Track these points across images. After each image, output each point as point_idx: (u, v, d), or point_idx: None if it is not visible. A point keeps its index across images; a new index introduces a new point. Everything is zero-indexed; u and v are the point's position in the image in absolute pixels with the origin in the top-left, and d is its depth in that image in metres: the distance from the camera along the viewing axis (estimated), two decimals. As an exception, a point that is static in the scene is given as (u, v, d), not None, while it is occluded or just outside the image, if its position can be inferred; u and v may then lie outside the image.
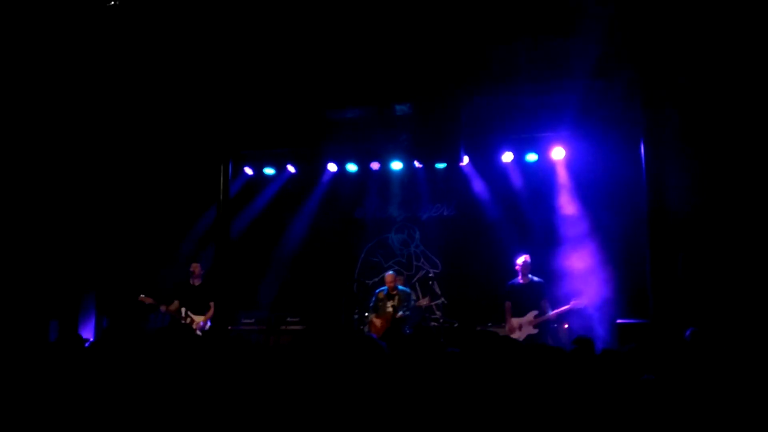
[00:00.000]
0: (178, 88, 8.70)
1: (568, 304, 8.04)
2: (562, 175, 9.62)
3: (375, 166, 10.25)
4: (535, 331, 8.00)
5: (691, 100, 7.68)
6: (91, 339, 8.08)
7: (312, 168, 10.53)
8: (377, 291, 9.05)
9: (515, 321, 8.17)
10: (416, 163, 10.05)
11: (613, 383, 3.58)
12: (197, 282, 8.68)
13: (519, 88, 8.23)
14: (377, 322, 8.65)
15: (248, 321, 9.53)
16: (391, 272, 9.07)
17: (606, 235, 9.05)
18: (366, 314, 9.00)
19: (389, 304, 8.75)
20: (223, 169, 9.64)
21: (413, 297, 9.09)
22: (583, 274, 9.02)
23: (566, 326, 8.45)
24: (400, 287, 9.01)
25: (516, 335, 7.95)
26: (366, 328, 8.77)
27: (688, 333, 6.49)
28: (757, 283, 7.41)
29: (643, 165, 7.81)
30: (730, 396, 3.32)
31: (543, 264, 9.05)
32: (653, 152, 7.73)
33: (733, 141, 7.68)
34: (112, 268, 9.62)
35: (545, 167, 9.69)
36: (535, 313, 8.06)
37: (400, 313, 8.58)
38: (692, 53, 7.25)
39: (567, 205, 9.74)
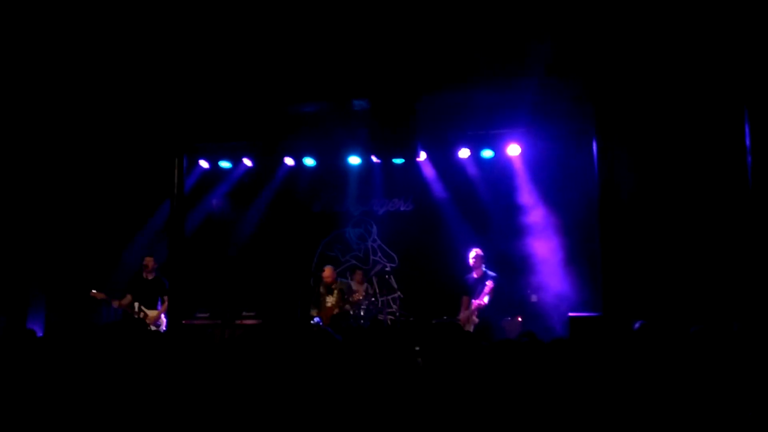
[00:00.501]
0: (132, 79, 8.52)
1: (485, 283, 8.20)
2: (518, 171, 9.78)
3: (332, 160, 10.25)
4: (477, 320, 8.13)
5: (639, 98, 7.89)
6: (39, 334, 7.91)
7: (269, 162, 10.47)
8: (318, 286, 8.97)
9: (464, 313, 8.31)
10: (374, 158, 10.09)
11: (559, 373, 3.67)
12: (150, 276, 8.56)
13: (475, 86, 8.31)
14: (316, 319, 8.55)
15: (203, 315, 9.43)
16: (328, 266, 8.95)
17: (561, 228, 9.26)
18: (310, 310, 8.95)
19: (328, 299, 8.65)
20: (177, 162, 9.51)
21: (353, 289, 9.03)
22: (539, 267, 9.22)
23: (519, 319, 8.60)
24: (340, 279, 8.92)
25: (467, 327, 8.07)
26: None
27: (637, 325, 6.67)
28: (703, 271, 7.66)
29: (595, 160, 7.99)
30: (676, 386, 3.44)
31: (500, 258, 9.20)
32: (604, 147, 7.91)
33: (675, 136, 7.94)
34: (62, 263, 9.41)
35: (501, 163, 9.83)
36: (473, 302, 8.22)
37: (337, 310, 8.46)
38: (636, 58, 7.45)
39: (522, 200, 9.92)
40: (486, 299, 8.07)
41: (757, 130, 6.87)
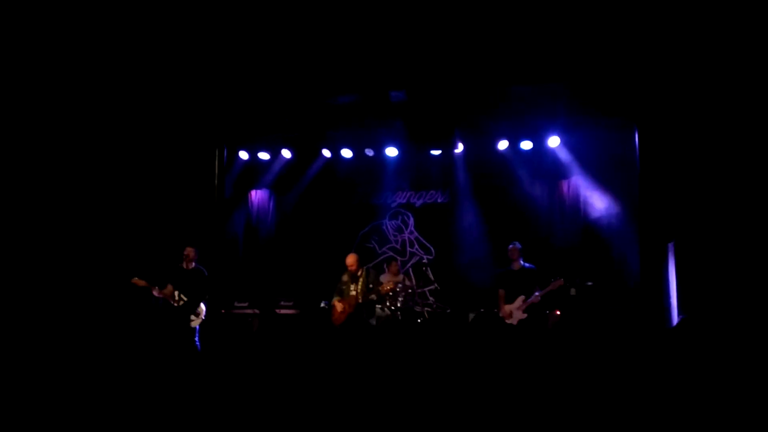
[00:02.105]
0: (174, 72, 8.64)
1: (549, 285, 8.07)
2: (558, 163, 9.67)
3: (370, 152, 10.27)
4: (525, 315, 8.03)
5: (681, 91, 7.70)
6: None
7: (307, 154, 10.54)
8: (343, 274, 8.92)
9: (507, 307, 8.21)
10: (411, 150, 10.07)
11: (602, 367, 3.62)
12: (191, 266, 8.68)
13: (514, 80, 8.22)
14: (338, 306, 8.31)
15: (242, 305, 9.55)
16: (352, 254, 8.87)
17: (600, 222, 9.14)
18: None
19: (352, 287, 8.53)
20: (218, 153, 9.64)
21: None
22: (577, 261, 9.10)
23: (558, 313, 8.49)
24: (366, 267, 8.83)
25: (509, 321, 7.99)
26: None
27: (677, 320, 6.55)
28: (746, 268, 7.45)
29: (637, 153, 7.84)
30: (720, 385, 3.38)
31: (537, 251, 9.11)
32: (647, 139, 7.76)
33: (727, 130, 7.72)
34: (104, 251, 9.60)
35: (540, 155, 9.73)
36: (522, 297, 8.09)
37: (361, 299, 8.34)
38: (675, 49, 7.28)
39: (562, 192, 9.83)
40: (538, 294, 7.99)
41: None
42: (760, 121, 7.33)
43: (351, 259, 8.59)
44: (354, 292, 8.41)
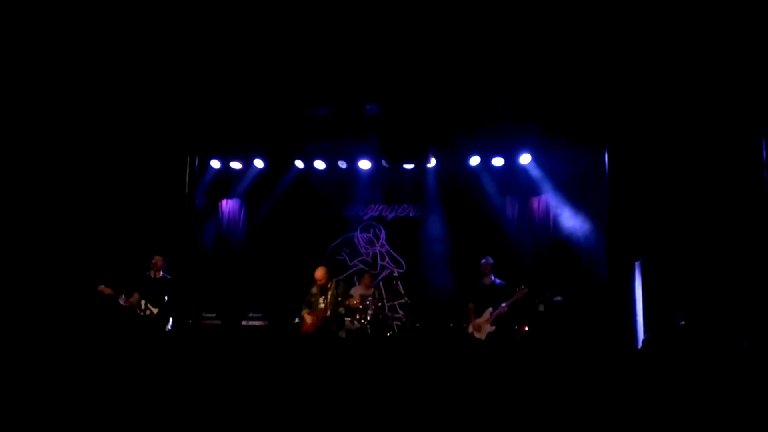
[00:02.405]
0: (147, 80, 8.56)
1: (515, 294, 8.15)
2: (529, 180, 9.79)
3: (343, 164, 10.27)
4: (493, 328, 8.08)
5: (650, 111, 7.87)
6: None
7: (280, 164, 10.49)
8: (312, 287, 8.90)
9: (476, 321, 8.25)
10: (384, 163, 10.10)
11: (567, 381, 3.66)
12: (158, 275, 8.57)
13: (489, 98, 8.33)
14: (308, 318, 8.40)
15: (209, 315, 9.44)
16: (321, 267, 8.87)
17: (571, 238, 9.25)
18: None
19: (321, 300, 8.53)
20: (189, 161, 9.55)
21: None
22: (545, 277, 9.18)
23: (526, 328, 8.55)
24: (335, 280, 8.81)
25: (478, 335, 8.03)
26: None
27: (642, 339, 6.64)
28: (714, 285, 7.61)
29: (606, 171, 7.98)
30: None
31: (507, 266, 9.19)
32: (617, 159, 7.90)
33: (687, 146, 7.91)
34: (71, 259, 9.43)
35: (511, 172, 9.85)
36: (489, 310, 8.15)
37: (329, 312, 8.33)
38: (645, 69, 7.45)
39: (532, 209, 9.95)
40: (504, 305, 8.04)
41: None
42: (725, 145, 7.52)
43: (320, 273, 8.56)
44: (322, 305, 8.37)
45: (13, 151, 8.73)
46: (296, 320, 8.56)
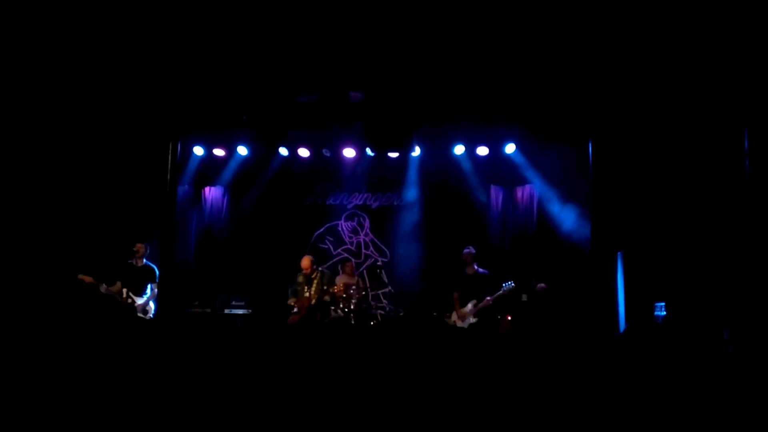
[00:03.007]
0: (128, 65, 8.43)
1: (500, 290, 8.21)
2: (513, 169, 9.81)
3: (327, 152, 10.22)
4: (475, 320, 8.13)
5: (635, 102, 7.90)
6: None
7: (264, 152, 10.42)
8: (297, 275, 8.94)
9: (461, 311, 8.30)
10: (368, 151, 10.07)
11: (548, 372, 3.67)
12: (140, 263, 8.51)
13: (472, 87, 8.30)
14: (294, 307, 8.50)
15: (192, 304, 9.39)
16: (306, 256, 8.88)
17: (555, 229, 9.30)
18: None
19: (306, 289, 8.58)
20: (171, 147, 9.44)
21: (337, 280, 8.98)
22: (530, 266, 9.23)
23: (509, 318, 8.61)
24: (321, 269, 8.85)
25: (460, 324, 8.08)
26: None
27: (623, 328, 6.70)
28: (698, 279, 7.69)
29: (590, 161, 8.01)
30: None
31: (491, 255, 9.23)
32: (600, 152, 7.93)
33: (671, 138, 7.96)
34: (49, 248, 9.32)
35: (496, 161, 9.86)
36: (474, 301, 8.20)
37: (315, 300, 8.37)
38: (631, 62, 7.47)
39: (517, 198, 9.98)
40: (489, 299, 8.08)
41: (756, 134, 6.90)
42: (708, 136, 7.58)
43: (306, 262, 8.57)
44: (307, 294, 8.38)
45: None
46: (295, 310, 8.58)
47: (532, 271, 9.10)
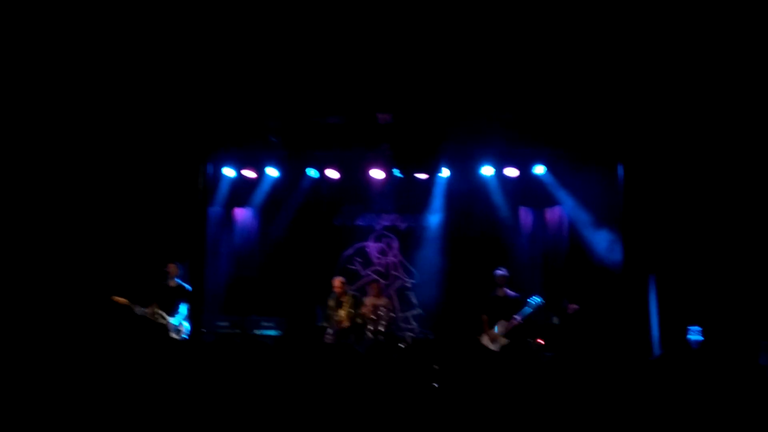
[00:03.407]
0: (159, 86, 8.58)
1: (527, 307, 8.14)
2: (543, 191, 9.76)
3: (355, 173, 10.26)
4: (507, 341, 8.06)
5: (665, 124, 7.82)
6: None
7: (293, 173, 10.51)
8: (329, 299, 8.95)
9: (491, 333, 8.23)
10: (397, 173, 10.09)
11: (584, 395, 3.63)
12: (173, 283, 8.60)
13: (502, 106, 8.31)
14: (330, 331, 8.55)
15: (223, 324, 9.46)
16: (338, 277, 8.90)
17: (585, 251, 9.21)
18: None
19: (339, 312, 8.61)
20: (202, 169, 9.58)
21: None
22: (561, 289, 9.14)
23: (540, 341, 8.52)
24: (350, 292, 8.87)
25: (492, 347, 8.00)
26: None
27: (658, 353, 6.60)
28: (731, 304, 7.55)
29: (621, 186, 7.94)
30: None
31: (521, 278, 9.16)
32: (631, 174, 7.87)
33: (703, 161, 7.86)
34: (84, 269, 9.46)
35: (525, 182, 9.82)
36: (504, 323, 8.14)
37: (347, 323, 8.42)
38: (661, 83, 7.40)
39: (547, 220, 9.91)
40: (518, 318, 8.02)
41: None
42: (740, 159, 7.48)
43: (337, 282, 8.62)
44: (339, 318, 8.42)
45: (29, 162, 8.77)
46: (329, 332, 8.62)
47: (563, 294, 9.01)
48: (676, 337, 7.30)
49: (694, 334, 7.07)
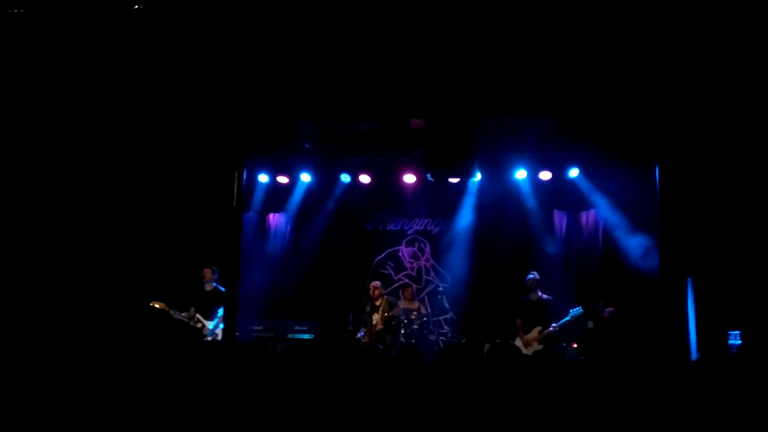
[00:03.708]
0: (193, 94, 8.72)
1: (568, 317, 8.05)
2: (577, 194, 9.66)
3: (387, 178, 10.29)
4: (540, 347, 8.00)
5: (704, 126, 7.67)
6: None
7: (326, 179, 10.60)
8: (364, 303, 9.04)
9: (525, 338, 8.18)
10: (429, 177, 10.09)
11: (619, 402, 3.58)
12: (209, 287, 8.73)
13: (535, 110, 8.25)
14: (366, 336, 8.65)
15: (257, 328, 9.55)
16: (376, 281, 8.99)
17: (621, 255, 9.08)
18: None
19: (374, 317, 8.69)
20: (237, 175, 9.70)
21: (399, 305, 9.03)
22: (596, 294, 9.02)
23: (575, 345, 8.43)
24: (385, 297, 8.95)
25: (525, 351, 7.95)
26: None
27: (696, 356, 6.47)
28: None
29: (657, 188, 7.81)
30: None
31: (555, 282, 9.07)
32: (668, 175, 7.73)
33: (740, 167, 7.68)
34: (123, 274, 9.64)
35: (559, 186, 9.73)
36: (539, 328, 8.07)
37: (381, 326, 8.49)
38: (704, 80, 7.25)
39: (581, 224, 9.80)
40: (555, 326, 7.97)
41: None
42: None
43: (372, 287, 8.70)
44: (375, 321, 8.50)
45: (69, 168, 8.98)
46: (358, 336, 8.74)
47: (598, 297, 8.89)
48: (715, 341, 7.16)
49: (734, 338, 6.92)
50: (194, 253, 9.66)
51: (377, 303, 8.68)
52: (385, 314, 8.49)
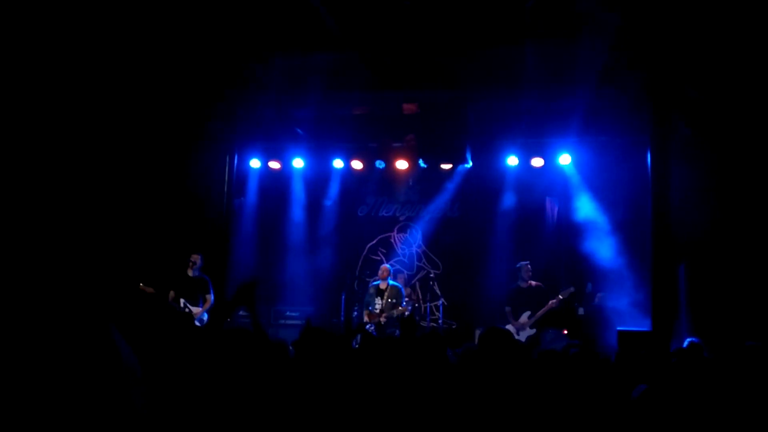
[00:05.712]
0: (184, 76, 8.60)
1: (561, 293, 8.11)
2: (568, 181, 9.63)
3: (380, 164, 10.24)
4: (533, 331, 8.03)
5: (701, 109, 7.65)
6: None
7: (318, 164, 10.54)
8: (370, 286, 9.02)
9: (516, 323, 8.21)
10: (421, 163, 10.05)
11: (605, 389, 3.59)
12: (196, 273, 8.66)
13: (525, 93, 8.19)
14: (366, 319, 8.65)
15: (246, 314, 9.51)
16: (385, 264, 9.03)
17: (611, 242, 9.07)
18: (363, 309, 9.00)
19: (378, 301, 8.69)
20: (228, 160, 9.65)
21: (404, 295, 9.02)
22: (586, 280, 9.03)
23: (565, 332, 8.44)
24: (392, 282, 8.93)
25: (517, 337, 7.97)
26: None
27: (686, 343, 6.48)
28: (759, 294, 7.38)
29: (650, 173, 7.80)
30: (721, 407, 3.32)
31: (545, 269, 9.07)
32: (660, 160, 7.70)
33: (743, 150, 7.66)
34: (112, 259, 9.56)
35: (551, 172, 9.71)
36: (528, 313, 8.10)
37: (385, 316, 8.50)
38: (701, 62, 7.21)
39: (572, 210, 9.78)
40: (541, 311, 7.99)
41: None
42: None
43: (380, 271, 8.74)
44: (377, 308, 8.51)
45: (53, 154, 8.87)
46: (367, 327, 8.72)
47: (587, 283, 8.91)
48: (707, 327, 7.18)
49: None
50: (183, 239, 9.59)
51: (382, 287, 8.72)
52: (391, 301, 8.50)
